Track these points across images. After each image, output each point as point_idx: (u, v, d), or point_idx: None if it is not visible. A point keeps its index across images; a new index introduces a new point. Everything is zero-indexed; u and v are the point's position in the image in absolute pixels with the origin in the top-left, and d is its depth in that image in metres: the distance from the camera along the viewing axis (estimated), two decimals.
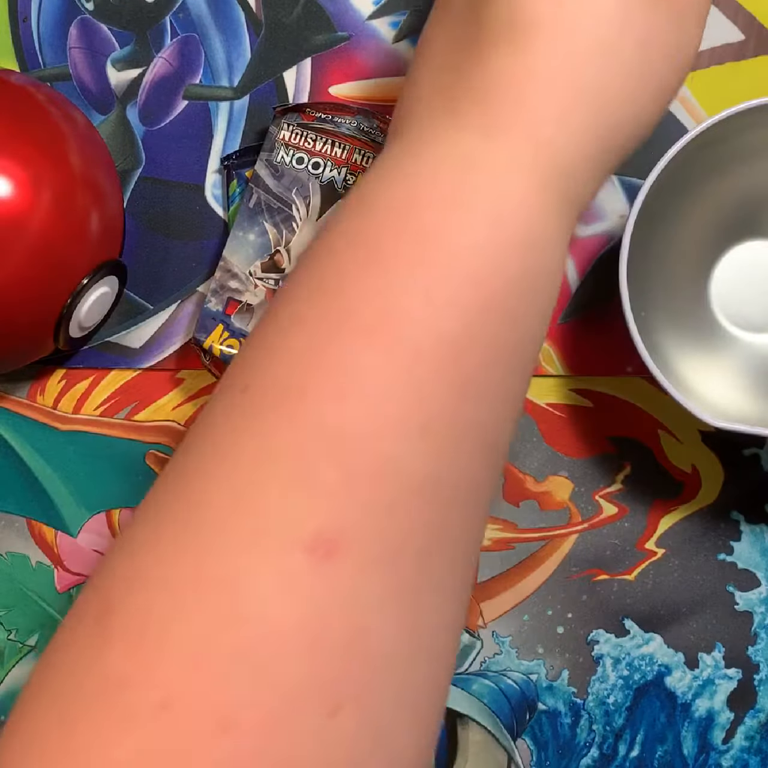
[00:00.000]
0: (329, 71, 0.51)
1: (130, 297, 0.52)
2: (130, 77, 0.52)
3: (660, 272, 0.48)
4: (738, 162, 0.46)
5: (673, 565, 0.52)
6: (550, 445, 0.52)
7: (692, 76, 0.51)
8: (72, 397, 0.53)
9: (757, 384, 0.49)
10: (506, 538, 0.52)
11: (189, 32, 0.52)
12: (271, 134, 0.49)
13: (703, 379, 0.48)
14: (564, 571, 0.52)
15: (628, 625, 0.52)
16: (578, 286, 0.51)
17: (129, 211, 0.52)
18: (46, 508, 0.53)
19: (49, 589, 0.53)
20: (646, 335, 0.44)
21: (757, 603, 0.51)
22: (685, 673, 0.52)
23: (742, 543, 0.52)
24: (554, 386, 0.52)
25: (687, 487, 0.52)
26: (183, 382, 0.53)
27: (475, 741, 0.52)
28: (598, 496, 0.52)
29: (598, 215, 0.51)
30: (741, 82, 0.50)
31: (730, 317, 0.50)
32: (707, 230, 0.49)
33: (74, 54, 0.52)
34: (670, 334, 0.48)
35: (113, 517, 0.53)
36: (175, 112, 0.52)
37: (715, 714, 0.52)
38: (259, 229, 0.49)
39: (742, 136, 0.44)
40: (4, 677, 0.54)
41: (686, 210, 0.48)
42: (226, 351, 0.48)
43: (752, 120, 0.43)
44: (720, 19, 0.50)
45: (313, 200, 0.48)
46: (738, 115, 0.42)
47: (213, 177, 0.52)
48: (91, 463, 0.53)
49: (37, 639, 0.54)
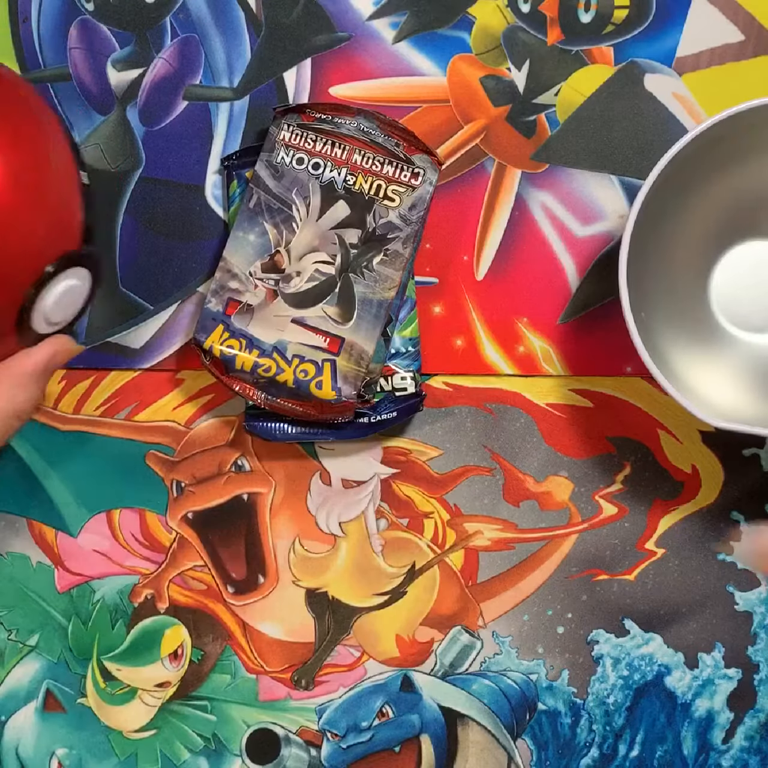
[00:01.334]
0: (329, 72, 0.51)
1: (130, 297, 0.53)
2: (130, 78, 0.52)
3: (660, 272, 0.48)
4: (738, 162, 0.46)
5: (673, 565, 0.52)
6: (550, 445, 0.52)
7: (692, 76, 0.51)
8: (72, 397, 0.53)
9: (757, 384, 0.49)
10: (506, 538, 0.52)
11: (189, 33, 0.52)
12: (271, 135, 0.49)
13: (703, 378, 0.48)
14: (564, 571, 0.52)
15: (628, 625, 0.52)
16: (578, 286, 0.51)
17: (129, 212, 0.52)
18: (47, 509, 0.53)
19: (50, 589, 0.53)
20: (646, 335, 0.44)
21: (757, 603, 0.51)
22: (685, 673, 0.52)
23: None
24: (554, 386, 0.52)
25: (687, 487, 0.52)
26: (183, 383, 0.53)
27: (475, 741, 0.52)
28: (598, 497, 0.52)
29: (598, 215, 0.51)
30: (740, 82, 0.50)
31: (730, 317, 0.50)
32: (707, 230, 0.49)
33: (74, 54, 0.52)
34: (670, 335, 0.48)
35: (113, 517, 0.53)
36: (175, 113, 0.52)
37: (714, 714, 0.52)
38: (259, 230, 0.49)
39: (741, 136, 0.44)
40: (5, 677, 0.54)
41: (686, 210, 0.48)
42: (226, 351, 0.48)
43: (752, 120, 0.43)
44: (720, 20, 0.50)
45: (313, 200, 0.48)
46: (738, 115, 0.42)
47: (213, 177, 0.52)
48: (92, 464, 0.53)
49: (37, 639, 0.54)
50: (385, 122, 0.48)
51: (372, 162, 0.48)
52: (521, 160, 0.51)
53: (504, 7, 0.51)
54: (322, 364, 0.48)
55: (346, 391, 0.48)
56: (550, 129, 0.51)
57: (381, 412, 0.50)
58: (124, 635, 0.53)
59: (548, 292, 0.51)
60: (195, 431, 0.53)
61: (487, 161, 0.51)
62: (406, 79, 0.51)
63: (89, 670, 0.54)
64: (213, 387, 0.53)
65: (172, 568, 0.53)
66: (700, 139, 0.43)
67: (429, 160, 0.48)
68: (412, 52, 0.51)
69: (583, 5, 0.51)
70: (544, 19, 0.51)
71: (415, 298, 0.51)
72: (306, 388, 0.48)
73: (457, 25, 0.51)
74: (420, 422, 0.52)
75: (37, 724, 0.54)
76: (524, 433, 0.52)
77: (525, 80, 0.51)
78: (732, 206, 0.48)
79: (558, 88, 0.51)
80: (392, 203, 0.48)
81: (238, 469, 0.53)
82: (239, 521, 0.53)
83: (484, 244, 0.52)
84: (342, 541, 0.53)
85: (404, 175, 0.48)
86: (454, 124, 0.51)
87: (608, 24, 0.50)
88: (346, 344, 0.48)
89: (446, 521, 0.52)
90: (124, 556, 0.53)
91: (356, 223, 0.48)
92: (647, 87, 0.51)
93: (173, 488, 0.53)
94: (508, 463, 0.52)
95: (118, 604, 0.53)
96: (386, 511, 0.52)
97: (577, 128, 0.51)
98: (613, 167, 0.51)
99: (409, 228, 0.48)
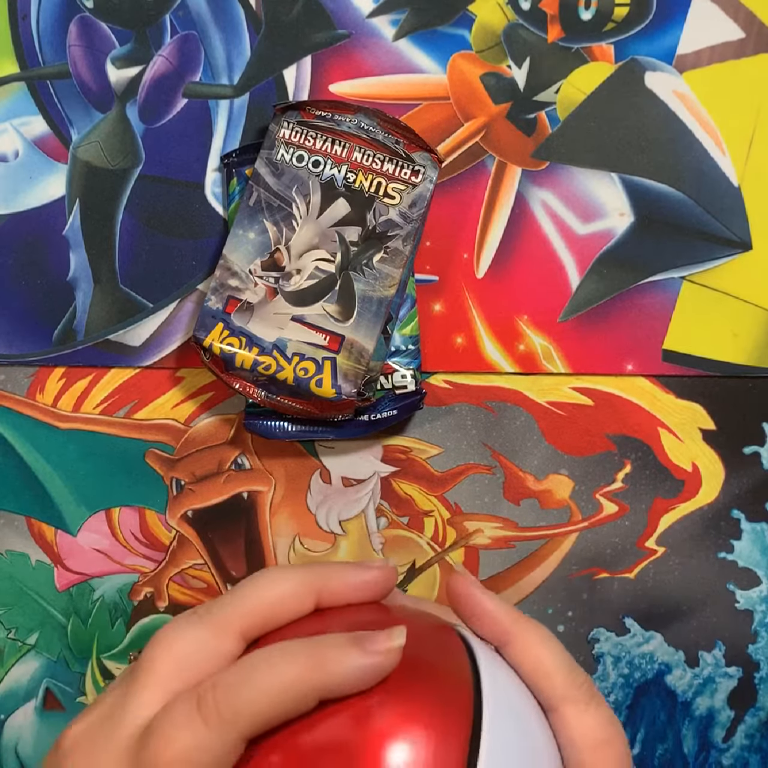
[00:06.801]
0: (329, 69, 0.51)
1: (129, 295, 0.52)
2: (129, 75, 0.52)
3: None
4: None
5: (674, 564, 0.52)
6: (550, 443, 0.52)
7: (693, 74, 0.51)
8: (72, 395, 0.53)
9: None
10: (507, 536, 0.52)
11: (189, 30, 0.52)
12: (271, 132, 0.49)
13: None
14: (564, 570, 0.52)
15: (628, 623, 0.52)
16: (579, 284, 0.51)
17: (128, 210, 0.52)
18: (46, 507, 0.53)
19: (49, 588, 0.53)
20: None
21: (758, 601, 0.51)
22: (685, 671, 0.52)
23: (742, 541, 0.51)
24: (554, 384, 0.52)
25: (687, 486, 0.52)
26: (183, 381, 0.53)
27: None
28: (598, 495, 0.52)
29: (598, 213, 0.51)
30: (741, 80, 0.50)
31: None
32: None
33: (74, 52, 0.52)
34: None
35: (113, 515, 0.53)
36: (174, 110, 0.52)
37: (715, 712, 0.52)
38: (259, 228, 0.48)
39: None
40: (4, 676, 0.54)
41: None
42: (225, 349, 0.48)
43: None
44: (720, 17, 0.50)
45: (313, 198, 0.48)
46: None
47: (213, 175, 0.52)
48: (91, 462, 0.53)
49: (36, 637, 0.54)
50: (386, 120, 0.48)
51: (372, 159, 0.48)
52: (522, 158, 0.51)
53: (504, 5, 0.51)
54: (322, 362, 0.48)
55: (346, 389, 0.47)
56: (550, 127, 0.51)
57: (381, 410, 0.50)
58: (123, 634, 0.53)
59: (549, 290, 0.51)
60: (195, 429, 0.53)
61: (487, 159, 0.51)
62: (406, 77, 0.51)
63: (89, 669, 0.54)
64: (213, 385, 0.53)
65: (172, 566, 0.53)
66: None
67: (429, 157, 0.48)
68: (412, 49, 0.51)
69: (583, 3, 0.50)
70: (545, 16, 0.51)
71: (415, 295, 0.51)
72: (306, 386, 0.48)
73: (458, 23, 0.51)
74: (420, 420, 0.52)
75: (36, 722, 0.54)
76: (524, 431, 0.52)
77: (525, 78, 0.51)
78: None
79: (558, 85, 0.51)
80: (392, 201, 0.48)
81: (238, 467, 0.53)
82: (239, 519, 0.53)
83: (484, 242, 0.51)
84: (342, 539, 0.53)
85: (404, 173, 0.48)
86: (454, 122, 0.51)
87: (609, 22, 0.50)
88: (346, 342, 0.48)
89: (446, 519, 0.52)
90: (124, 554, 0.53)
91: (356, 221, 0.48)
92: (648, 85, 0.51)
93: (173, 486, 0.53)
94: (509, 461, 0.52)
95: (117, 603, 0.53)
96: (386, 510, 0.52)
97: (578, 126, 0.51)
98: (614, 165, 0.51)
99: (410, 226, 0.48)
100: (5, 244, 0.52)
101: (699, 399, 0.51)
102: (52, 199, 0.52)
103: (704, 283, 0.51)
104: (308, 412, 0.49)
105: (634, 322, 0.51)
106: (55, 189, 0.52)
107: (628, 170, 0.51)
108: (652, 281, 0.51)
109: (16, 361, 0.53)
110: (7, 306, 0.53)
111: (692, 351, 0.51)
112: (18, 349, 0.53)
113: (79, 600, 0.53)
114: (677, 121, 0.50)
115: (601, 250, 0.51)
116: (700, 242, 0.51)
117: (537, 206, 0.51)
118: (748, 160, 0.51)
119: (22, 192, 0.52)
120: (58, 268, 0.52)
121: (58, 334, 0.53)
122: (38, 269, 0.52)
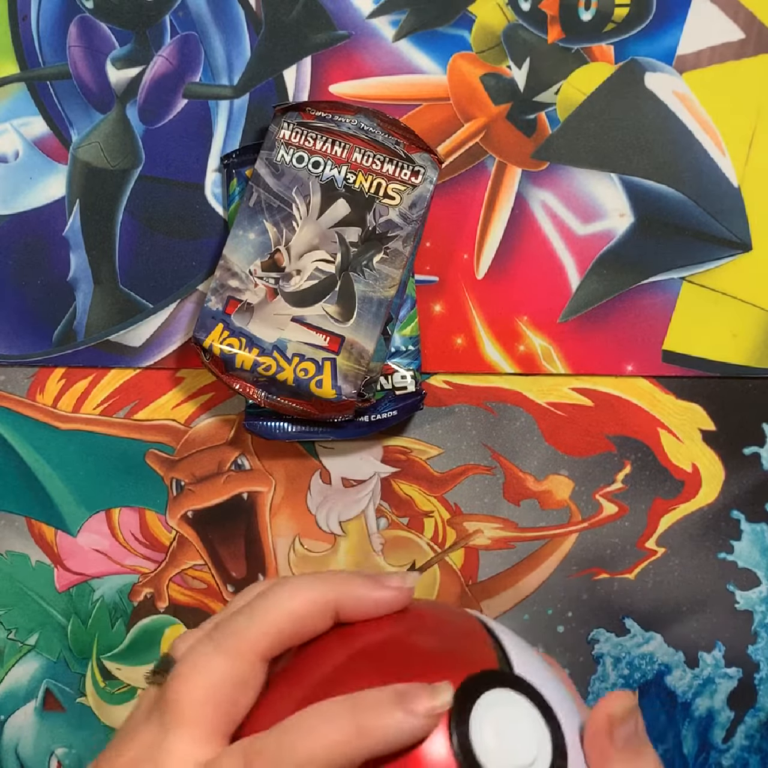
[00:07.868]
0: (329, 70, 0.51)
1: (129, 296, 0.52)
2: (129, 76, 0.52)
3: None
4: None
5: (674, 564, 0.52)
6: (550, 444, 0.52)
7: (693, 75, 0.50)
8: (72, 396, 0.53)
9: None
10: (506, 537, 0.52)
11: (189, 31, 0.52)
12: (271, 133, 0.49)
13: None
14: (564, 570, 0.52)
15: (628, 624, 0.52)
16: (579, 284, 0.51)
17: (128, 210, 0.52)
18: (46, 508, 0.53)
19: (49, 588, 0.53)
20: None
21: (758, 602, 0.51)
22: (685, 672, 0.52)
23: (742, 542, 0.52)
24: (554, 385, 0.52)
25: (687, 486, 0.52)
26: (183, 381, 0.53)
27: None
28: (598, 495, 0.52)
29: (598, 214, 0.51)
30: (741, 81, 0.50)
31: None
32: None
33: (74, 52, 0.52)
34: None
35: (113, 516, 0.53)
36: (174, 111, 0.52)
37: (715, 713, 0.52)
38: (259, 228, 0.48)
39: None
40: (4, 676, 0.54)
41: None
42: (226, 350, 0.48)
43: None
44: (720, 18, 0.50)
45: (313, 199, 0.48)
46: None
47: (213, 176, 0.52)
48: (91, 462, 0.53)
49: (36, 638, 0.54)
50: (386, 120, 0.48)
51: (372, 160, 0.48)
52: (521, 159, 0.51)
53: (504, 5, 0.51)
54: (322, 363, 0.48)
55: (346, 390, 0.47)
56: (550, 127, 0.51)
57: (381, 411, 0.50)
58: (123, 634, 0.53)
59: (549, 291, 0.51)
60: (195, 430, 0.53)
61: (487, 160, 0.51)
62: (406, 78, 0.51)
63: (89, 670, 0.54)
64: (213, 386, 0.53)
65: (172, 567, 0.53)
66: None
67: (429, 158, 0.48)
68: (412, 50, 0.51)
69: (583, 3, 0.50)
70: (545, 17, 0.51)
71: (415, 296, 0.51)
72: (306, 387, 0.48)
73: (458, 23, 0.51)
74: (420, 421, 0.52)
75: (36, 723, 0.54)
76: (524, 432, 0.52)
77: (525, 78, 0.51)
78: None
79: (558, 86, 0.51)
80: (392, 201, 0.48)
81: (238, 467, 0.53)
82: (239, 520, 0.53)
83: (484, 242, 0.51)
84: (342, 540, 0.53)
85: (404, 174, 0.48)
86: (454, 123, 0.51)
87: (609, 22, 0.50)
88: (347, 343, 0.48)
89: (446, 520, 0.52)
90: (124, 555, 0.53)
91: (356, 222, 0.48)
92: (648, 85, 0.51)
93: (173, 487, 0.53)
94: (509, 461, 0.52)
95: (117, 603, 0.53)
96: (386, 510, 0.52)
97: (578, 127, 0.51)
98: (614, 166, 0.51)
99: (410, 226, 0.48)
100: (5, 244, 0.52)
101: (699, 399, 0.51)
102: (52, 200, 0.52)
103: (704, 284, 0.51)
104: (308, 412, 0.49)
105: (634, 323, 0.51)
106: (55, 190, 0.52)
107: (628, 171, 0.51)
108: (652, 282, 0.51)
109: (16, 362, 0.53)
110: (7, 306, 0.53)
111: (692, 351, 0.51)
112: (18, 350, 0.53)
113: (79, 600, 0.53)
114: (677, 121, 0.50)
115: (601, 250, 0.51)
116: (699, 243, 0.51)
117: (537, 207, 0.51)
118: (748, 161, 0.51)
119: (22, 193, 0.52)
120: (59, 269, 0.52)
121: (58, 335, 0.53)
122: (38, 270, 0.52)
